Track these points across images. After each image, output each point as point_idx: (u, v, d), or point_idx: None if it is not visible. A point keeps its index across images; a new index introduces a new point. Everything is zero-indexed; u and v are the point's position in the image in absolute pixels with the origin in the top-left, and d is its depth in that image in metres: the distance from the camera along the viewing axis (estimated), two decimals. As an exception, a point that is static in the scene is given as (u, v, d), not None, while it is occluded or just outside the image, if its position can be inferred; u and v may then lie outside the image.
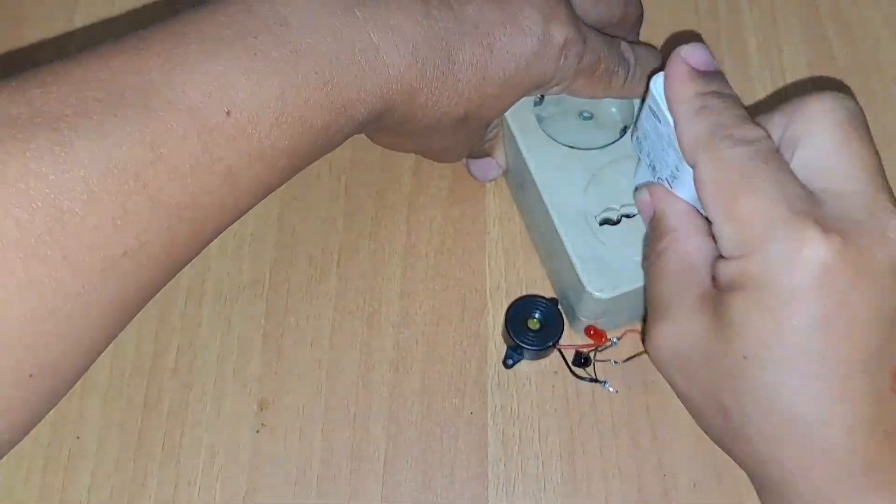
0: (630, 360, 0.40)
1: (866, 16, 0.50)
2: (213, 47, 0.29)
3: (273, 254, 0.42)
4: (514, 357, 0.40)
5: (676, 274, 0.32)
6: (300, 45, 0.30)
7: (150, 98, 0.27)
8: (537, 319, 0.39)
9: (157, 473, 0.38)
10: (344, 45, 0.31)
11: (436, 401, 0.39)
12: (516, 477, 0.38)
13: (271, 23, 0.30)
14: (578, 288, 0.37)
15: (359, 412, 0.39)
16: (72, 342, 0.27)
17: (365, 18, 0.31)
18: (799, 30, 0.49)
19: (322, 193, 0.44)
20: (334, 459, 0.38)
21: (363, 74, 0.31)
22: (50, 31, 0.49)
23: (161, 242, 0.28)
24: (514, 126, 0.39)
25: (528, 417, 0.39)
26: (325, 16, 0.31)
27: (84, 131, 0.26)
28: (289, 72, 0.29)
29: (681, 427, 0.39)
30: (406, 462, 0.38)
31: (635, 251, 0.37)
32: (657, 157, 0.34)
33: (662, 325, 0.32)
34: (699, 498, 0.37)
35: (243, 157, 0.29)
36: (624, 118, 0.41)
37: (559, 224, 0.37)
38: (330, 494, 0.37)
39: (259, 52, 0.29)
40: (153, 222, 0.27)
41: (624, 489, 0.38)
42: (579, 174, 0.38)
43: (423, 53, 0.32)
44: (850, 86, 0.48)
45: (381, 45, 0.32)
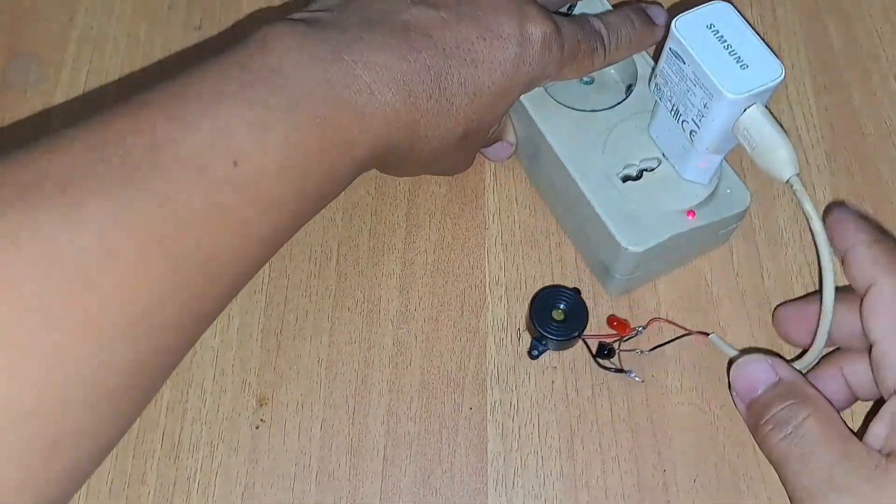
0: (656, 350, 0.40)
1: (866, 10, 0.50)
2: (213, 102, 0.29)
3: (272, 250, 0.42)
4: (539, 348, 0.40)
5: (835, 440, 0.32)
6: (296, 92, 0.30)
7: (157, 155, 0.27)
8: (562, 310, 0.40)
9: (155, 469, 0.38)
10: (338, 88, 0.32)
11: (435, 396, 0.39)
12: (516, 472, 0.38)
13: (266, 74, 0.30)
14: (613, 246, 0.38)
15: (358, 408, 0.39)
16: (94, 409, 0.26)
17: (354, 62, 0.32)
18: (798, 24, 0.49)
19: (321, 190, 0.44)
20: (333, 455, 0.38)
21: (360, 114, 0.32)
22: (50, 30, 0.49)
23: (180, 298, 0.27)
24: (523, 98, 0.40)
25: (528, 412, 0.39)
26: (316, 63, 0.31)
27: (94, 192, 0.26)
28: (288, 119, 0.30)
29: (680, 422, 0.39)
30: (405, 457, 0.38)
31: (662, 203, 0.38)
32: (681, 100, 0.36)
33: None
34: (699, 493, 0.37)
35: (253, 205, 0.29)
36: (623, 77, 0.42)
37: (584, 187, 0.38)
38: (329, 490, 0.37)
39: (257, 102, 0.30)
40: (170, 277, 0.27)
41: (623, 484, 0.37)
42: (594, 136, 0.40)
43: (414, 86, 0.33)
44: (850, 80, 0.48)
45: (374, 84, 0.32)
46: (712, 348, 0.40)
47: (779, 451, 0.32)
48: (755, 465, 0.38)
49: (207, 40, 0.49)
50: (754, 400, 0.34)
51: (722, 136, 0.35)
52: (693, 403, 0.39)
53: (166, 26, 0.49)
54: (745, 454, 0.38)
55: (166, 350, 0.28)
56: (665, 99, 0.37)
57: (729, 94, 0.33)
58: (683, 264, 0.42)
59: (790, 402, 0.33)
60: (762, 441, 0.33)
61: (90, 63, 0.48)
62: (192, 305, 0.28)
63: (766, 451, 0.33)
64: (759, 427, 0.33)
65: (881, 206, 0.44)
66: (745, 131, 0.35)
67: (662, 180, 0.39)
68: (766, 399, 0.34)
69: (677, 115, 0.37)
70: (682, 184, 0.39)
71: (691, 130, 0.36)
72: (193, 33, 0.49)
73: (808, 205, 0.34)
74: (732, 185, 0.39)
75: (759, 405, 0.34)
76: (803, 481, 0.31)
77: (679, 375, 0.40)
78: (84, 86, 0.47)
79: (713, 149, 0.36)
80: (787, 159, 0.34)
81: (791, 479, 0.32)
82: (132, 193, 0.26)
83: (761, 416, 0.33)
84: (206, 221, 0.28)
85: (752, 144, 0.35)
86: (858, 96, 0.47)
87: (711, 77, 0.34)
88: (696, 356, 0.40)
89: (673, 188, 0.39)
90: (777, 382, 0.34)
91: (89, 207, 0.25)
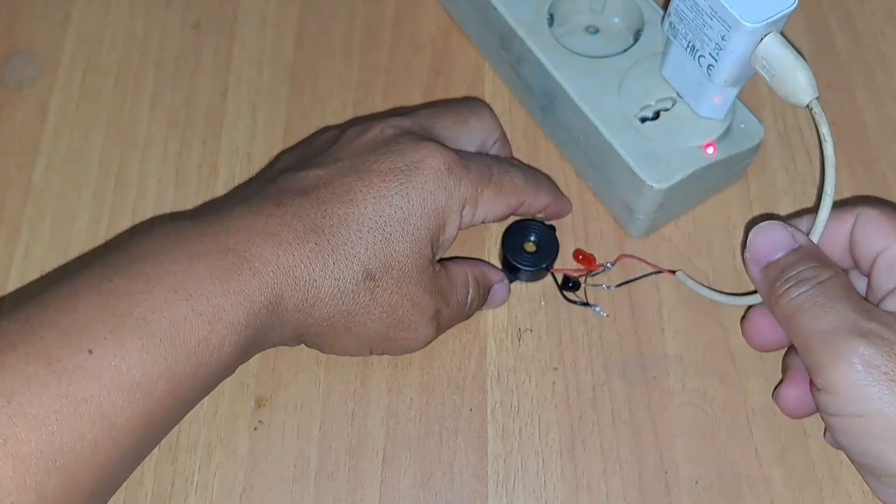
0: (622, 286, 0.41)
1: (869, 9, 0.50)
2: (70, 302, 0.29)
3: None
4: (509, 277, 0.41)
5: (856, 297, 0.33)
6: (153, 274, 0.30)
7: (3, 357, 0.27)
8: (533, 242, 0.41)
9: (153, 470, 0.37)
10: (196, 260, 0.31)
11: (435, 397, 0.39)
12: (516, 474, 0.37)
13: (125, 264, 0.31)
14: (637, 185, 0.39)
15: (357, 409, 0.39)
16: None
17: (216, 234, 0.32)
18: (801, 23, 0.49)
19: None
20: (332, 457, 0.38)
21: (222, 278, 0.31)
22: (46, 29, 0.48)
23: (30, 499, 0.27)
24: (536, 49, 0.41)
25: (528, 414, 0.39)
26: (179, 244, 0.32)
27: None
28: (144, 298, 0.30)
29: (682, 424, 0.38)
30: (405, 459, 0.38)
31: (681, 140, 0.39)
32: (697, 35, 0.36)
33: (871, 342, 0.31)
34: (700, 495, 0.37)
35: (112, 392, 0.28)
36: (628, 25, 0.44)
37: (604, 130, 0.40)
38: (328, 492, 0.37)
39: (111, 291, 0.30)
40: (17, 478, 0.26)
41: (625, 486, 0.37)
42: (609, 81, 0.41)
43: (284, 234, 0.33)
44: (853, 79, 0.47)
45: (236, 245, 0.32)
46: (714, 348, 0.40)
47: (796, 303, 0.33)
48: (757, 468, 0.37)
49: (205, 38, 0.48)
50: (773, 262, 0.35)
51: (740, 67, 0.36)
52: (695, 405, 0.39)
53: (163, 24, 0.49)
54: (747, 456, 0.38)
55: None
56: (680, 37, 0.38)
57: (747, 24, 0.34)
58: (701, 202, 0.43)
59: (813, 264, 0.34)
60: (778, 297, 0.33)
61: (87, 61, 0.47)
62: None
63: (781, 305, 0.33)
64: (777, 286, 0.34)
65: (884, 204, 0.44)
66: (763, 60, 0.35)
67: (679, 118, 0.40)
68: (788, 261, 0.34)
69: (693, 51, 0.37)
70: (699, 120, 0.40)
71: (709, 65, 0.37)
72: (191, 31, 0.48)
73: (824, 128, 0.35)
74: (745, 120, 0.41)
75: (778, 267, 0.34)
76: (821, 325, 0.31)
77: (681, 376, 0.39)
78: (81, 84, 0.47)
79: (731, 81, 0.37)
80: (807, 84, 0.35)
81: (806, 325, 0.32)
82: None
83: (780, 277, 0.34)
84: (60, 414, 0.27)
85: (770, 73, 0.35)
86: (862, 95, 0.47)
87: (728, 8, 0.34)
88: (697, 356, 0.40)
89: (690, 125, 0.40)
90: (798, 248, 0.35)
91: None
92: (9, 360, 0.27)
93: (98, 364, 0.28)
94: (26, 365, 0.27)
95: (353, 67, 0.47)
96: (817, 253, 0.35)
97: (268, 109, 0.46)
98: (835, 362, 0.31)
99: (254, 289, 0.31)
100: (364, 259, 0.34)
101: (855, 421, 0.31)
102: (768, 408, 0.39)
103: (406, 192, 0.35)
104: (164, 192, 0.44)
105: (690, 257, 0.42)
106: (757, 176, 0.44)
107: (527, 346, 0.40)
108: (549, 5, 0.43)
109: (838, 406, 0.31)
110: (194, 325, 0.30)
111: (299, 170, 0.36)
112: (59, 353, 0.28)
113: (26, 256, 0.42)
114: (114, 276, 0.30)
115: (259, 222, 0.33)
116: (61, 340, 0.28)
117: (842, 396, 0.31)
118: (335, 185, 0.34)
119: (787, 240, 0.35)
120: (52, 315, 0.29)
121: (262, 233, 0.33)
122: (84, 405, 0.27)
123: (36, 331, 0.28)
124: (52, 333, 0.28)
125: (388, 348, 0.37)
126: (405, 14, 0.49)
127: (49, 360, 0.28)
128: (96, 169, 0.44)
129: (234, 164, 0.45)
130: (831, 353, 0.31)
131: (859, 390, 0.30)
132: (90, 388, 0.28)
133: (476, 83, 0.47)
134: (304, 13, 0.49)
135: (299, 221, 0.33)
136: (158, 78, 0.47)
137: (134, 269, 0.31)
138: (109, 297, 0.30)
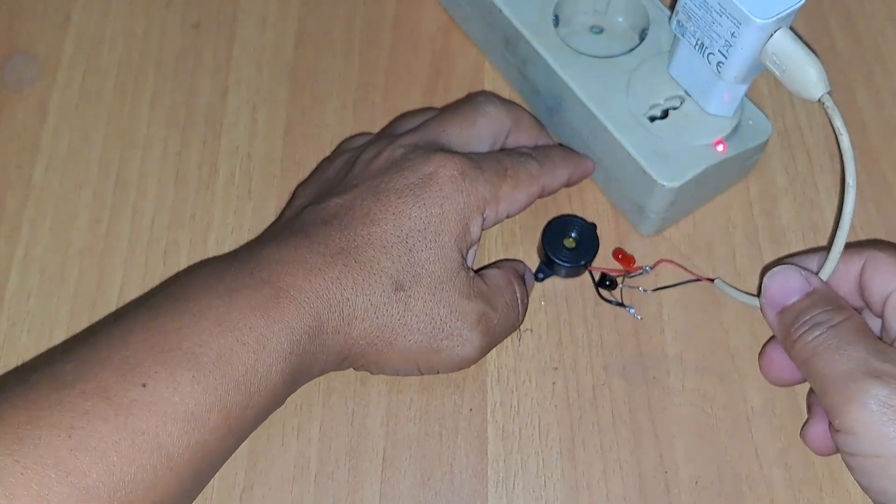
0: (660, 290, 0.41)
1: (869, 9, 0.50)
2: (120, 340, 0.31)
3: (271, 250, 0.42)
4: (546, 272, 0.41)
5: (871, 339, 0.33)
6: (198, 306, 0.32)
7: (62, 394, 0.29)
8: (573, 238, 0.41)
9: (153, 471, 0.37)
10: (236, 294, 0.32)
11: (435, 397, 0.39)
12: (516, 474, 0.37)
13: (166, 303, 0.32)
14: (648, 184, 0.39)
15: (357, 409, 0.39)
16: None
17: (251, 271, 0.34)
18: (802, 24, 0.49)
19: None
20: (332, 457, 0.38)
21: (263, 308, 0.32)
22: (46, 29, 0.48)
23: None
24: (542, 50, 0.41)
25: (528, 414, 0.39)
26: (220, 279, 0.33)
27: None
28: (191, 332, 0.31)
29: (682, 424, 0.38)
30: (405, 459, 0.38)
31: (691, 138, 0.39)
32: (706, 33, 0.36)
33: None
34: (700, 495, 0.37)
35: (168, 423, 0.29)
36: (632, 24, 0.44)
37: (613, 129, 0.40)
38: (328, 492, 0.37)
39: (159, 328, 0.31)
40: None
41: (625, 486, 0.37)
42: (616, 80, 0.41)
43: (311, 260, 0.34)
44: (853, 79, 0.47)
45: (270, 277, 0.33)
46: (714, 348, 0.40)
47: (811, 346, 0.33)
48: (757, 468, 0.37)
49: (205, 38, 0.48)
50: (788, 307, 0.35)
51: (750, 63, 0.36)
52: (695, 405, 0.39)
53: (163, 24, 0.49)
54: (747, 456, 0.38)
55: None
56: (688, 35, 0.38)
57: (758, 20, 0.34)
58: (710, 200, 0.43)
59: (828, 308, 0.34)
60: (794, 341, 0.34)
61: (87, 61, 0.47)
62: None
63: (797, 349, 0.34)
64: (792, 331, 0.34)
65: (885, 205, 0.44)
66: (774, 56, 0.35)
67: (688, 116, 0.40)
68: (803, 305, 0.35)
69: (702, 48, 0.37)
70: (708, 118, 0.40)
71: (718, 62, 0.37)
72: (191, 31, 0.48)
73: (838, 121, 0.35)
74: (753, 116, 0.41)
75: (793, 311, 0.35)
76: (836, 367, 0.32)
77: (681, 376, 0.39)
78: (81, 84, 0.47)
79: (741, 78, 0.37)
80: (818, 78, 0.35)
81: (822, 367, 0.32)
82: (37, 431, 0.27)
83: (796, 322, 0.34)
84: (117, 446, 0.28)
85: (781, 68, 0.35)
86: (862, 95, 0.47)
87: (738, 4, 0.34)
88: (697, 356, 0.40)
89: (700, 123, 0.40)
90: (812, 292, 0.35)
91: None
92: (67, 397, 0.28)
93: (152, 396, 0.29)
94: (84, 401, 0.28)
95: (353, 67, 0.47)
96: (831, 296, 0.35)
97: (268, 109, 0.46)
98: (850, 404, 0.31)
99: (293, 316, 0.32)
100: (392, 271, 0.35)
101: (873, 461, 0.31)
102: (768, 408, 0.39)
103: (423, 203, 0.35)
104: (164, 192, 0.44)
105: (691, 257, 0.42)
106: (757, 176, 0.44)
107: (527, 346, 0.40)
108: (554, 6, 0.43)
109: (856, 447, 0.31)
110: (240, 354, 0.31)
111: (319, 202, 0.37)
112: (115, 388, 0.29)
113: (26, 256, 0.42)
114: (159, 315, 0.32)
115: (289, 253, 0.34)
116: (116, 376, 0.29)
117: (858, 437, 0.31)
118: (355, 209, 0.35)
119: (802, 284, 0.35)
120: (104, 354, 0.30)
121: (293, 262, 0.34)
122: (141, 437, 0.28)
123: (90, 369, 0.29)
124: (106, 371, 0.29)
125: (436, 361, 0.36)
126: (405, 14, 0.49)
127: (106, 395, 0.29)
128: (96, 169, 0.44)
129: (234, 163, 0.45)
130: (846, 395, 0.31)
131: (875, 431, 0.30)
132: (146, 420, 0.29)
133: (476, 83, 0.47)
134: (304, 13, 0.49)
135: (326, 248, 0.34)
136: (158, 78, 0.47)
137: (178, 307, 0.32)
138: (157, 333, 0.31)
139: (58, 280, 0.41)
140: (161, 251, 0.42)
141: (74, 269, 0.42)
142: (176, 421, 0.29)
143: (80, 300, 0.41)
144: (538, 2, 0.43)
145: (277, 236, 0.36)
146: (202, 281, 0.33)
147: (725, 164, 0.40)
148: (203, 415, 0.30)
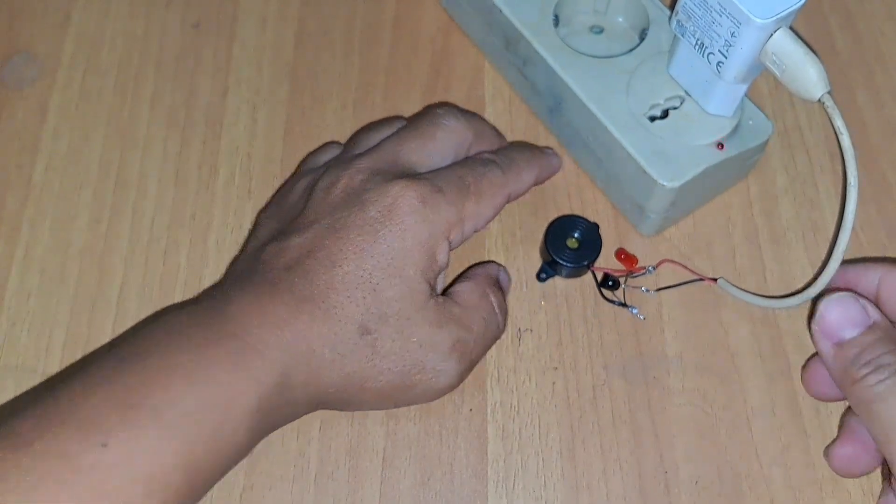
0: (663, 290, 0.41)
1: (869, 9, 0.50)
2: (82, 396, 0.30)
3: (271, 250, 0.42)
4: (548, 272, 0.41)
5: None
6: (161, 365, 0.31)
7: (20, 456, 0.28)
8: (576, 239, 0.41)
9: (153, 471, 0.37)
10: (201, 352, 0.32)
11: (435, 397, 0.39)
12: (516, 474, 0.37)
13: (132, 360, 0.31)
14: (648, 184, 0.39)
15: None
16: None
17: (211, 321, 0.33)
18: (802, 24, 0.49)
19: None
20: (332, 457, 0.38)
21: (232, 364, 0.31)
22: (46, 29, 0.48)
23: None
24: (542, 50, 0.41)
25: (528, 414, 0.39)
26: (187, 332, 0.32)
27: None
28: (153, 388, 0.30)
29: (682, 424, 0.38)
30: (405, 459, 0.38)
31: (691, 138, 0.39)
32: (706, 33, 0.37)
33: None
34: (700, 495, 0.37)
35: (129, 484, 0.29)
36: (632, 24, 0.45)
37: (613, 129, 0.40)
38: (328, 492, 0.37)
39: (122, 384, 0.30)
40: None
41: (625, 486, 0.37)
42: (616, 80, 0.41)
43: (268, 305, 0.33)
44: (853, 79, 0.47)
45: (231, 327, 0.32)
46: (714, 348, 0.40)
47: (875, 391, 0.32)
48: (757, 468, 0.37)
49: (205, 38, 0.48)
50: (848, 341, 0.34)
51: (750, 63, 0.36)
52: (695, 405, 0.39)
53: (163, 24, 0.49)
54: (747, 456, 0.38)
55: None
56: (688, 34, 0.38)
57: (758, 20, 0.34)
58: (710, 200, 0.44)
59: (893, 348, 0.33)
60: (854, 382, 0.33)
61: (87, 61, 0.47)
62: None
63: (857, 390, 0.33)
64: (853, 369, 0.33)
65: (885, 205, 0.44)
66: (774, 56, 0.35)
67: (688, 116, 0.40)
68: (865, 342, 0.34)
69: (702, 48, 0.37)
70: (708, 118, 0.40)
71: (718, 62, 0.37)
72: (191, 31, 0.48)
73: (838, 121, 0.35)
74: (753, 116, 0.41)
75: (855, 347, 0.34)
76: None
77: (681, 376, 0.39)
78: (81, 84, 0.47)
79: (741, 78, 0.37)
80: (818, 78, 0.35)
81: (886, 416, 0.32)
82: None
83: (857, 361, 0.33)
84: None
85: (781, 68, 0.35)
86: (862, 95, 0.47)
87: (738, 4, 0.34)
88: (697, 356, 0.40)
89: (700, 123, 0.40)
90: (872, 325, 0.34)
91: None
92: (25, 460, 0.28)
93: (112, 457, 0.28)
94: (42, 462, 0.28)
95: (353, 67, 0.47)
96: (892, 332, 0.34)
97: (268, 109, 0.46)
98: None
99: (261, 371, 0.32)
100: (356, 317, 0.34)
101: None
102: (768, 408, 0.39)
103: (384, 239, 0.34)
104: (164, 192, 0.44)
105: (690, 257, 0.42)
106: (757, 176, 0.44)
107: (527, 346, 0.40)
108: (554, 6, 0.43)
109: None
110: (207, 414, 0.30)
111: (281, 240, 0.35)
112: (74, 449, 0.28)
113: (26, 256, 0.42)
114: (125, 368, 0.31)
115: (253, 305, 0.33)
116: (77, 435, 0.28)
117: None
118: (316, 251, 0.34)
119: (861, 316, 0.34)
120: (64, 409, 0.29)
121: (259, 314, 0.33)
122: (101, 500, 0.28)
123: (49, 427, 0.29)
124: (66, 429, 0.29)
125: (412, 395, 0.36)
126: (405, 14, 0.49)
127: (65, 456, 0.28)
128: (96, 169, 0.44)
129: (234, 163, 0.45)
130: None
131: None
132: (105, 483, 0.28)
133: (476, 83, 0.47)
134: (304, 13, 0.49)
135: (291, 296, 0.33)
136: (158, 78, 0.47)
137: (142, 361, 0.31)
138: (121, 389, 0.30)
139: (58, 280, 0.41)
140: (161, 251, 0.42)
141: (74, 269, 0.42)
142: (136, 482, 0.28)
143: (80, 300, 0.41)
144: (538, 2, 0.43)
145: (243, 282, 0.35)
146: (169, 332, 0.32)
147: (725, 164, 0.40)
148: (166, 476, 0.29)
